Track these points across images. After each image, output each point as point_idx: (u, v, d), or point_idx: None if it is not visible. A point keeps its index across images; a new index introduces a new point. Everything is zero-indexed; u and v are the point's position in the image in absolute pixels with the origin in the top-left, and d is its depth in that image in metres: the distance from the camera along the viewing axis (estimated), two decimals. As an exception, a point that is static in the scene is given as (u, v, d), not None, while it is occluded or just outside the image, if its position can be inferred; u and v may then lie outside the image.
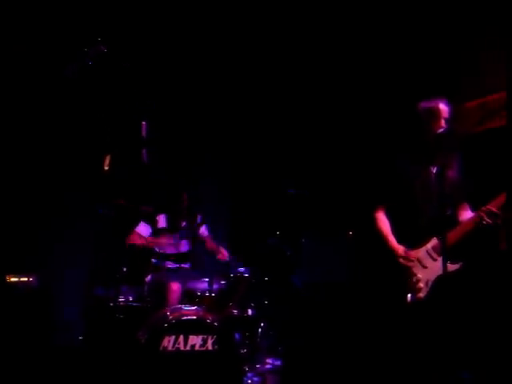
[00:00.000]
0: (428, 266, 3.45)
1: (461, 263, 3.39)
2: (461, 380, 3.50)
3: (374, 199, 3.76)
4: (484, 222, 3.35)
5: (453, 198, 3.51)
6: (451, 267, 3.32)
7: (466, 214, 3.56)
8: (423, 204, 3.47)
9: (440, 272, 3.25)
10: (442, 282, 3.36)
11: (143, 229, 4.76)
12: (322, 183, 5.65)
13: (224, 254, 4.86)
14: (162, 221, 4.88)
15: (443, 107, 3.55)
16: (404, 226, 3.56)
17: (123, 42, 5.15)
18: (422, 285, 3.42)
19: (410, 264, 3.47)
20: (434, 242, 3.46)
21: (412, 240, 3.52)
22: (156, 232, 4.80)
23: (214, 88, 5.93)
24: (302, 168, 5.80)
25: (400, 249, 3.52)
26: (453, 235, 3.39)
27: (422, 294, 3.40)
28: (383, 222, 3.67)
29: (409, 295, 3.42)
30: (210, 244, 4.93)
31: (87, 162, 5.12)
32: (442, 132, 3.47)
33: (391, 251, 3.54)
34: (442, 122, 3.52)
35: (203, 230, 5.06)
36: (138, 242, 4.70)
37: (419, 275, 3.44)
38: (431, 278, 3.42)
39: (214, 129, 6.05)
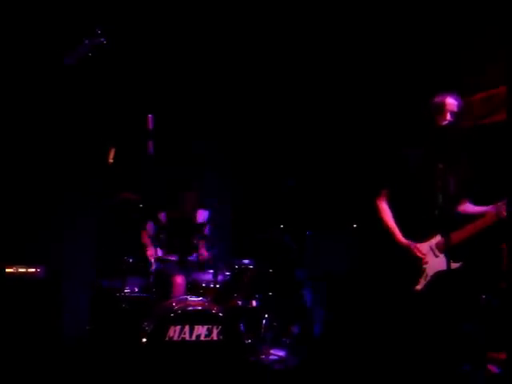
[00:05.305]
0: (429, 261, 3.47)
1: (461, 263, 3.39)
2: (461, 372, 3.52)
3: (377, 185, 3.76)
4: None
5: (457, 195, 3.52)
6: (452, 265, 3.32)
7: (467, 208, 3.58)
8: (429, 199, 3.43)
9: (440, 268, 3.34)
10: (441, 278, 3.40)
11: (149, 228, 4.73)
12: (326, 176, 5.65)
13: (204, 253, 4.73)
14: (163, 219, 4.82)
15: (450, 101, 3.53)
16: (408, 218, 3.57)
17: (129, 36, 5.18)
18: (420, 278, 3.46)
19: (422, 257, 3.48)
20: (438, 238, 3.47)
21: (415, 233, 3.52)
22: (159, 229, 4.74)
23: (211, 81, 5.89)
24: (307, 160, 5.79)
25: (409, 243, 3.52)
26: (461, 234, 3.42)
27: (419, 287, 3.46)
28: (387, 213, 3.67)
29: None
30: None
31: (91, 154, 5.13)
32: (445, 125, 3.48)
33: (399, 245, 3.54)
34: (448, 116, 3.50)
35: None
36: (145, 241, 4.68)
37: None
38: (430, 272, 3.46)
39: (214, 121, 6.01)
